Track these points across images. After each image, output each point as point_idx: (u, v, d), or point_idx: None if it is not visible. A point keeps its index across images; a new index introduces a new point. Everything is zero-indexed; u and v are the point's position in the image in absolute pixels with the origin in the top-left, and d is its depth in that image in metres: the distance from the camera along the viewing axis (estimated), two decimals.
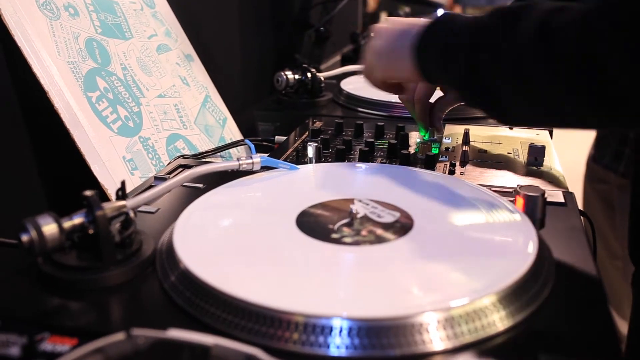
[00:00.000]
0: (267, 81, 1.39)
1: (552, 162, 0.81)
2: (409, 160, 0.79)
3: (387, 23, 0.73)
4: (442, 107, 0.86)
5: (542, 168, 0.78)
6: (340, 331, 0.42)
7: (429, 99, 0.87)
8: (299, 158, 0.84)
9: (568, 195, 0.68)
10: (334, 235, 0.54)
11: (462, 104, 0.92)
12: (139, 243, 0.54)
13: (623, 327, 1.33)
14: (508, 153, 0.85)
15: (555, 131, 0.98)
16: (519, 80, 0.57)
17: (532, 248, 0.52)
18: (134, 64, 0.91)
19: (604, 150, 1.62)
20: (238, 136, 1.09)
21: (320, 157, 0.80)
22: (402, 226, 0.56)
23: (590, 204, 1.66)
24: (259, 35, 1.44)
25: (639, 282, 0.89)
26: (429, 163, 0.79)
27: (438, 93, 0.87)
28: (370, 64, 0.76)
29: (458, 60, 0.62)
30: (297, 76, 1.17)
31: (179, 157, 0.86)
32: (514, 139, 0.91)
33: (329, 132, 0.95)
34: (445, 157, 0.82)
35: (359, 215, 0.58)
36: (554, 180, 0.74)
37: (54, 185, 0.81)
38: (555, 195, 0.68)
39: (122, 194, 0.55)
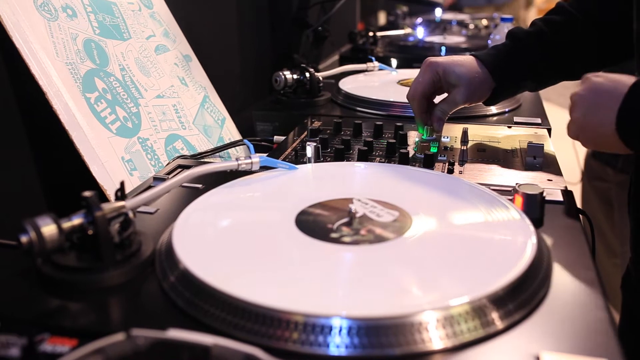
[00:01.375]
0: (265, 81, 1.39)
1: (551, 160, 0.81)
2: (407, 160, 0.79)
3: (586, 85, 0.65)
4: (444, 108, 0.86)
5: (540, 166, 0.79)
6: (340, 330, 0.42)
7: (428, 97, 0.88)
8: (298, 158, 0.84)
9: (567, 193, 0.68)
10: (333, 235, 0.55)
11: (467, 105, 0.91)
12: (138, 243, 0.54)
13: None
14: (507, 152, 0.85)
15: (554, 130, 0.98)
16: None
17: (530, 247, 0.52)
18: (132, 64, 0.91)
19: None
20: (237, 136, 1.09)
21: (319, 157, 0.80)
22: (401, 225, 0.57)
23: (589, 202, 1.66)
24: (257, 36, 1.44)
25: (629, 284, 0.89)
26: (428, 162, 0.79)
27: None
28: (575, 136, 0.68)
29: None
30: (295, 76, 1.17)
31: (178, 157, 0.86)
32: (512, 138, 0.91)
33: (328, 131, 0.95)
34: (444, 156, 0.82)
35: (358, 215, 0.58)
36: (552, 179, 0.74)
37: (53, 187, 0.81)
38: (554, 193, 0.68)
39: (121, 194, 0.55)
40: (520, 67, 0.87)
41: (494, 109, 1.06)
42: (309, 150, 0.78)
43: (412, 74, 1.35)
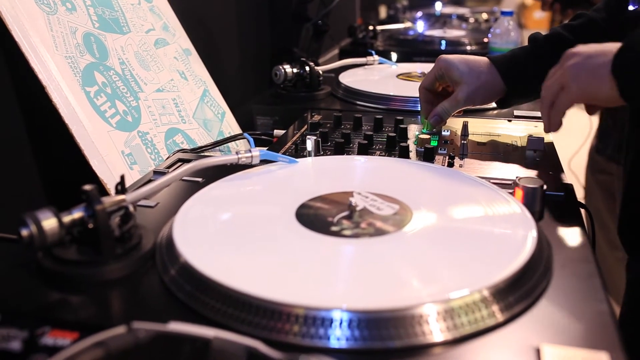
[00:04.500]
0: (265, 75, 1.39)
1: (551, 153, 0.81)
2: (407, 153, 0.79)
3: (581, 47, 0.66)
4: (446, 106, 0.85)
5: (541, 160, 0.78)
6: (341, 323, 0.42)
7: (432, 90, 0.88)
8: (298, 151, 0.84)
9: (567, 187, 0.68)
10: (334, 228, 0.55)
11: (473, 106, 0.91)
12: (138, 237, 0.54)
13: None
14: (507, 145, 0.85)
15: None
16: None
17: (530, 240, 0.52)
18: (131, 58, 0.91)
19: (606, 141, 1.62)
20: (237, 130, 1.08)
21: (319, 151, 0.80)
22: (402, 218, 0.57)
23: (592, 194, 1.66)
24: (257, 29, 1.43)
25: (632, 268, 0.89)
26: (428, 155, 0.79)
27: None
28: (563, 83, 0.66)
29: None
30: (295, 70, 1.17)
31: (178, 151, 0.86)
32: (513, 131, 0.91)
33: (328, 125, 0.95)
34: (444, 150, 0.82)
35: (358, 208, 0.58)
36: (552, 172, 0.74)
37: (53, 180, 0.81)
38: (554, 187, 0.68)
39: (121, 188, 0.55)
40: (535, 71, 0.82)
41: (493, 103, 1.05)
42: (309, 144, 0.78)
43: (412, 67, 1.35)
